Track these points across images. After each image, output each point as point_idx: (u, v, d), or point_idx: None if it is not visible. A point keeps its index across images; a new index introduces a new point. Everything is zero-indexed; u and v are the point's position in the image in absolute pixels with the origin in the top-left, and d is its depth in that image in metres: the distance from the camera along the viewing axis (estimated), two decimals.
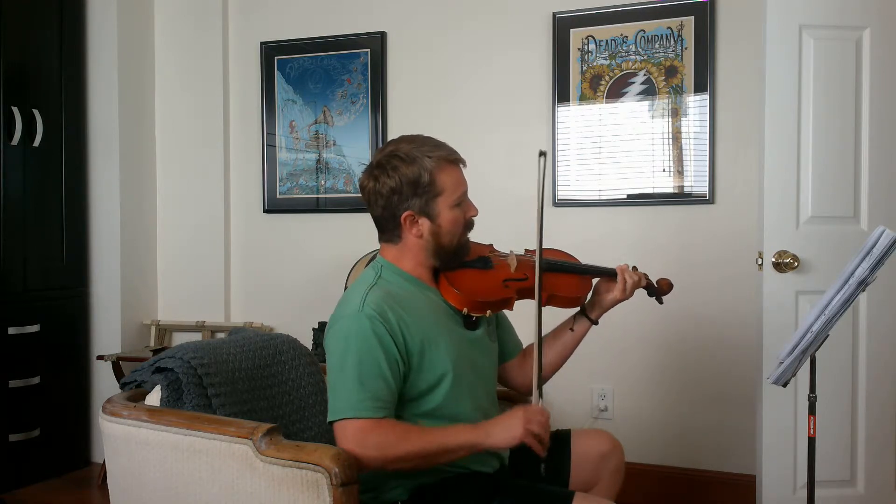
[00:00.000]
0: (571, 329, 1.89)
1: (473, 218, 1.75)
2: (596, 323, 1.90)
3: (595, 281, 1.93)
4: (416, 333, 1.60)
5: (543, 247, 1.87)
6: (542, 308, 1.76)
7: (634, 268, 1.92)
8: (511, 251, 1.89)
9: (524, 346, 1.97)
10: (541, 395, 1.66)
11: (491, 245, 1.88)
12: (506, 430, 1.57)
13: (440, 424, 1.61)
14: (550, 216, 3.07)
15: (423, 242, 1.68)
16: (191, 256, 3.66)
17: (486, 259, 1.81)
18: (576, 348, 1.90)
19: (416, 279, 1.70)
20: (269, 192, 3.56)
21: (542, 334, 1.92)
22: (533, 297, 1.80)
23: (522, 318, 2.02)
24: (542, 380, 1.92)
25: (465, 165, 1.72)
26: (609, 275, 1.91)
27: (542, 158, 1.69)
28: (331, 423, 1.56)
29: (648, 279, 1.94)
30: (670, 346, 2.98)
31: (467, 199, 1.73)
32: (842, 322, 1.92)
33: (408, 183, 1.64)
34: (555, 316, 1.88)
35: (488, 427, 1.58)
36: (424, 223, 1.67)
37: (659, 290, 1.98)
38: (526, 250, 1.91)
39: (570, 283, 1.86)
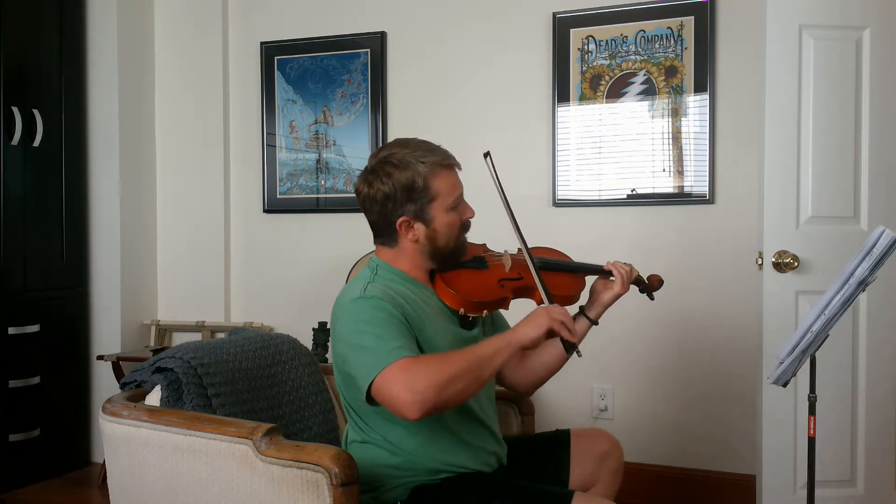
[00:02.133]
0: None
1: (470, 220, 1.75)
2: (596, 323, 1.90)
3: (589, 280, 1.93)
4: (414, 326, 1.60)
5: (539, 246, 1.88)
6: (538, 306, 1.77)
7: (618, 262, 1.93)
8: (505, 251, 1.89)
9: None
10: (549, 299, 1.73)
11: (485, 245, 1.88)
12: (532, 324, 1.59)
13: (438, 421, 1.62)
14: (550, 216, 3.08)
15: (419, 246, 1.68)
16: (191, 256, 3.66)
17: (481, 259, 1.81)
18: None
19: (412, 279, 1.71)
20: (269, 192, 3.56)
21: None
22: (529, 297, 1.81)
23: (519, 319, 2.02)
24: (543, 381, 1.92)
25: (459, 168, 1.72)
26: (603, 272, 1.91)
27: (488, 158, 1.77)
28: (369, 393, 1.50)
29: (639, 275, 1.95)
30: (670, 346, 2.98)
31: (463, 202, 1.72)
32: (842, 322, 1.92)
33: (402, 189, 1.63)
34: None
35: (515, 328, 1.61)
36: (420, 228, 1.66)
37: (650, 285, 1.99)
38: (519, 250, 1.90)
39: (565, 281, 1.86)
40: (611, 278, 1.89)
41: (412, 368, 1.46)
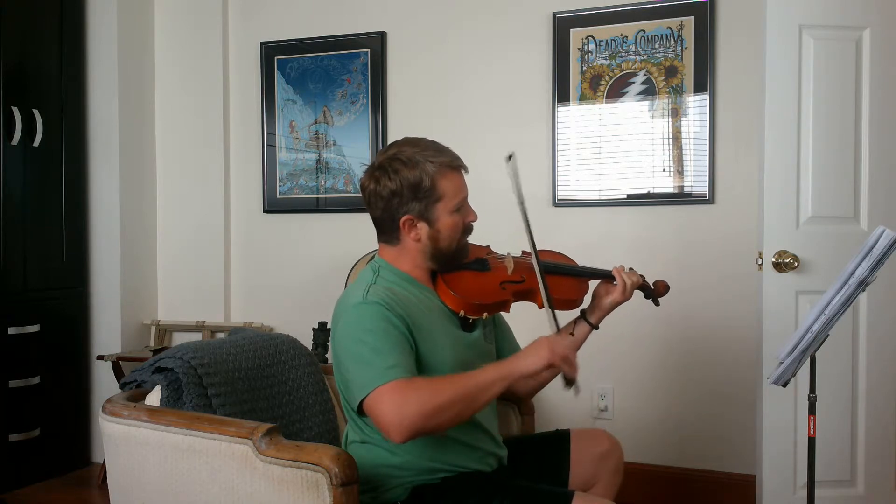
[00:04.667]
0: (571, 334, 1.88)
1: (472, 223, 1.75)
2: (596, 327, 1.90)
3: (593, 284, 1.93)
4: (415, 328, 1.60)
5: (541, 248, 1.88)
6: (539, 309, 1.77)
7: (631, 269, 1.92)
8: (508, 253, 1.89)
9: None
10: (557, 327, 1.70)
11: (488, 247, 1.89)
12: (533, 355, 1.56)
13: None
14: (550, 216, 3.08)
15: (421, 246, 1.68)
16: (191, 256, 3.66)
17: (483, 261, 1.81)
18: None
19: (414, 279, 1.71)
20: (269, 192, 3.56)
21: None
22: (530, 300, 1.81)
23: (521, 321, 2.02)
24: (544, 384, 1.92)
25: (466, 171, 1.72)
26: (606, 277, 1.91)
27: (511, 160, 1.70)
28: (360, 405, 1.51)
29: (645, 280, 1.94)
30: (670, 346, 2.98)
31: (467, 205, 1.73)
32: (842, 322, 1.92)
33: (408, 187, 1.64)
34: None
35: (515, 357, 1.59)
36: (423, 227, 1.67)
37: (656, 291, 1.98)
38: (523, 252, 1.91)
39: (568, 285, 1.86)
40: (614, 283, 1.89)
41: (405, 391, 1.46)
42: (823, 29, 2.42)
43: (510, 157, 1.69)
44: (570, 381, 1.61)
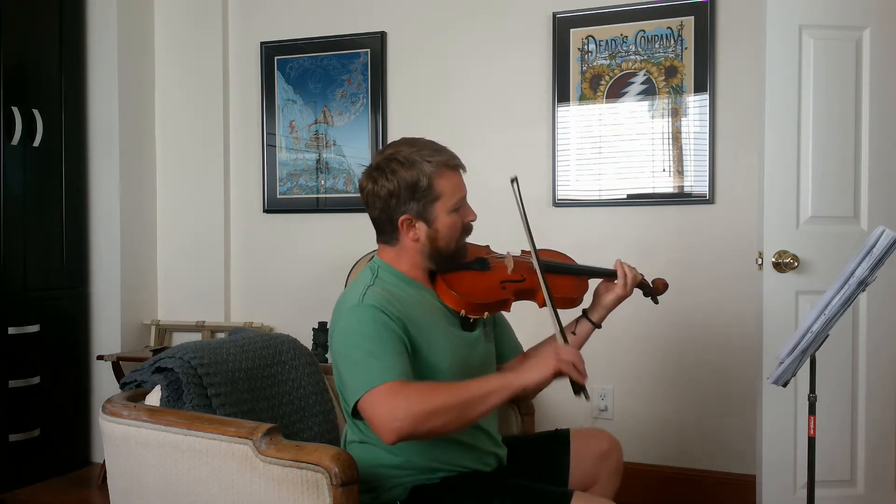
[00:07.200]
0: (573, 333, 1.89)
1: (472, 223, 1.74)
2: (599, 326, 1.90)
3: (593, 283, 1.94)
4: (414, 329, 1.60)
5: (541, 248, 1.88)
6: (540, 308, 1.77)
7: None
8: (508, 253, 1.89)
9: (524, 349, 1.97)
10: (560, 326, 1.68)
11: (488, 247, 1.89)
12: (538, 366, 1.54)
13: None
14: (550, 216, 3.08)
15: (420, 246, 1.68)
16: (191, 256, 3.66)
17: (483, 261, 1.81)
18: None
19: (413, 280, 1.71)
20: (269, 192, 3.56)
21: (541, 340, 1.93)
22: (531, 298, 1.81)
23: (522, 320, 2.03)
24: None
25: (464, 171, 1.72)
26: (606, 274, 1.91)
27: (515, 184, 1.74)
28: (355, 407, 1.51)
29: (644, 278, 1.95)
30: (670, 347, 2.98)
31: (466, 204, 1.72)
32: (842, 322, 1.93)
33: (406, 187, 1.64)
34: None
35: (520, 369, 1.57)
36: (421, 227, 1.67)
37: (655, 289, 1.99)
38: (523, 251, 1.91)
39: (568, 283, 1.87)
40: (615, 281, 1.89)
41: (397, 394, 1.46)
42: (823, 29, 2.42)
43: (514, 179, 1.74)
44: (578, 388, 1.57)
